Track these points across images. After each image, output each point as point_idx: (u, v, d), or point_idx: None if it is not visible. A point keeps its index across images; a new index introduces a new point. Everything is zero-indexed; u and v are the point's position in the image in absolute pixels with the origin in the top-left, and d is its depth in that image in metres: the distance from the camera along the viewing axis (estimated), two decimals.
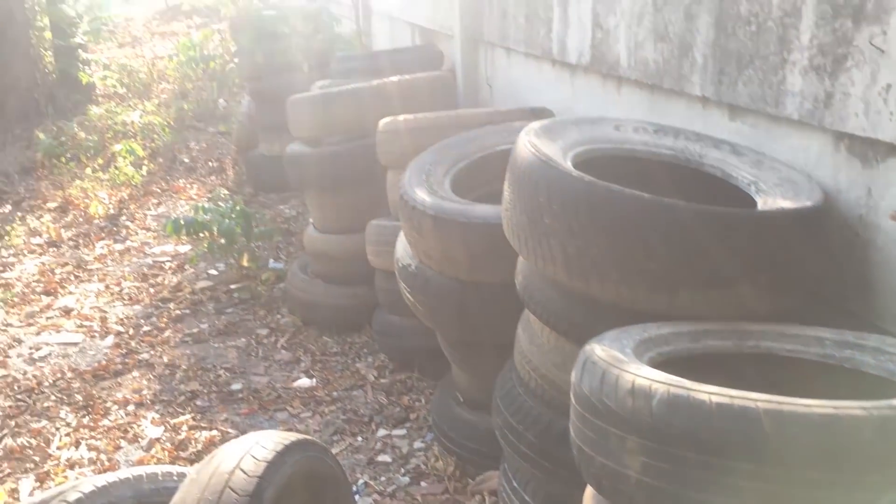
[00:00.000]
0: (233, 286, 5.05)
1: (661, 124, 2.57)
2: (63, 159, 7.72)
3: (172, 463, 3.32)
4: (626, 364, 1.57)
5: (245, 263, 5.04)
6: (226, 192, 5.78)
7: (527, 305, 2.33)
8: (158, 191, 7.21)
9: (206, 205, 5.34)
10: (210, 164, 7.95)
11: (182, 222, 4.91)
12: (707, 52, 2.59)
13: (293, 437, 1.97)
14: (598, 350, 1.66)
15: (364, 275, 4.17)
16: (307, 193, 4.66)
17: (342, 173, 4.31)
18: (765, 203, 2.11)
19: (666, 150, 2.45)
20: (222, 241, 5.03)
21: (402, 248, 3.11)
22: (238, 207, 5.03)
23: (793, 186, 2.14)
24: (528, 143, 2.18)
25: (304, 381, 4.00)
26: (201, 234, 4.98)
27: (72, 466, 3.40)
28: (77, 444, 3.56)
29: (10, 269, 5.61)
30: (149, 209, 6.76)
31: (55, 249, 5.98)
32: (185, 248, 5.80)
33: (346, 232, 4.40)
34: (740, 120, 2.53)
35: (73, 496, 2.00)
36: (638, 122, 2.56)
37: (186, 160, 8.09)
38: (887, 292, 2.05)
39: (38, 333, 4.67)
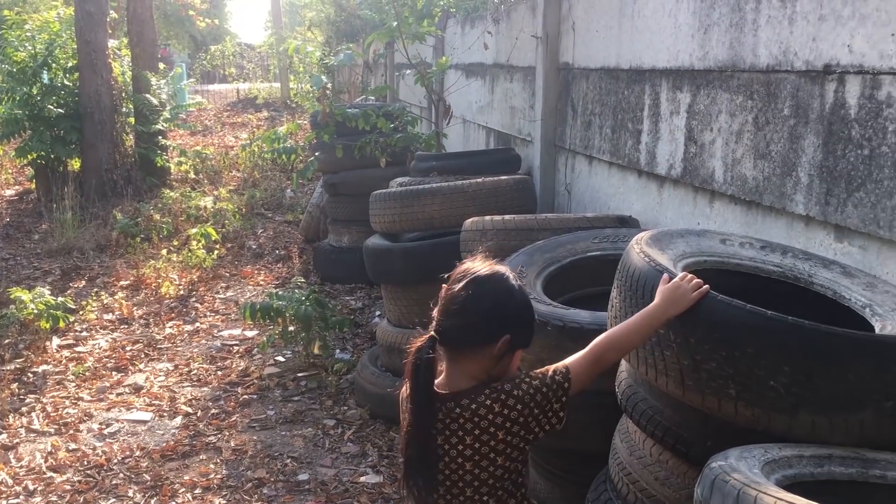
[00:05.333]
0: (301, 374, 5.06)
1: (767, 241, 2.57)
2: (137, 239, 7.97)
3: None
4: (763, 486, 1.53)
5: (316, 351, 5.07)
6: (301, 279, 5.85)
7: (629, 415, 2.29)
8: (227, 275, 7.36)
9: (280, 291, 5.43)
10: (277, 251, 8.11)
11: (257, 307, 4.99)
12: (813, 173, 2.61)
13: None
14: (728, 469, 1.62)
15: None
16: (384, 286, 4.70)
17: (422, 268, 4.36)
18: (884, 328, 2.07)
19: (773, 266, 2.43)
20: (292, 327, 5.09)
21: None
22: (313, 295, 5.10)
23: None
24: (641, 252, 2.19)
25: (372, 477, 3.95)
26: (273, 320, 5.04)
27: None
28: None
29: (83, 344, 5.72)
30: (217, 292, 6.89)
31: (126, 326, 6.10)
32: (252, 333, 5.86)
33: (420, 327, 4.41)
34: (848, 241, 2.52)
35: None
36: (744, 237, 2.55)
37: (254, 246, 8.27)
38: None
39: (108, 409, 4.71)
